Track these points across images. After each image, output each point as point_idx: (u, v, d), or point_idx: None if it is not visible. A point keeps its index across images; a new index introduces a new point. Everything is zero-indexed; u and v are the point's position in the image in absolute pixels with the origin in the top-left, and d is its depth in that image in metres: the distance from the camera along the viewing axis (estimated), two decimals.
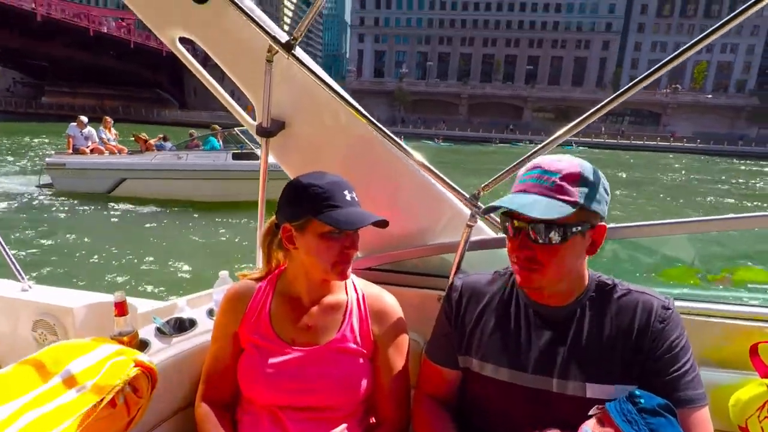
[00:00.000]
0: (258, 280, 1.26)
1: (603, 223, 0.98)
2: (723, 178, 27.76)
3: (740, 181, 26.87)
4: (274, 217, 1.21)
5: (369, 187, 1.43)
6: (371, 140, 1.43)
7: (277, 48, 1.27)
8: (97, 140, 11.62)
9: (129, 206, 10.52)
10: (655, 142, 59.76)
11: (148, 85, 65.47)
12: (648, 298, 1.01)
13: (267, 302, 1.21)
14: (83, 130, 11.44)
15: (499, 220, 1.07)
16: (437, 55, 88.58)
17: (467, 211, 1.39)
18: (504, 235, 1.03)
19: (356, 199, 1.13)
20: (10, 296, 1.94)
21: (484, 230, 1.50)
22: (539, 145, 1.26)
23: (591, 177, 0.95)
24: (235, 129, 11.50)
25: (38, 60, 55.09)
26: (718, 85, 79.73)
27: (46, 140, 26.93)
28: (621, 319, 1.00)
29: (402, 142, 1.42)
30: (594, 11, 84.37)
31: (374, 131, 1.37)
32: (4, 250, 1.95)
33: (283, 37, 1.28)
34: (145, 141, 11.73)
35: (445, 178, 1.41)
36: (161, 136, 12.52)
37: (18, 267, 1.97)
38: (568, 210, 0.91)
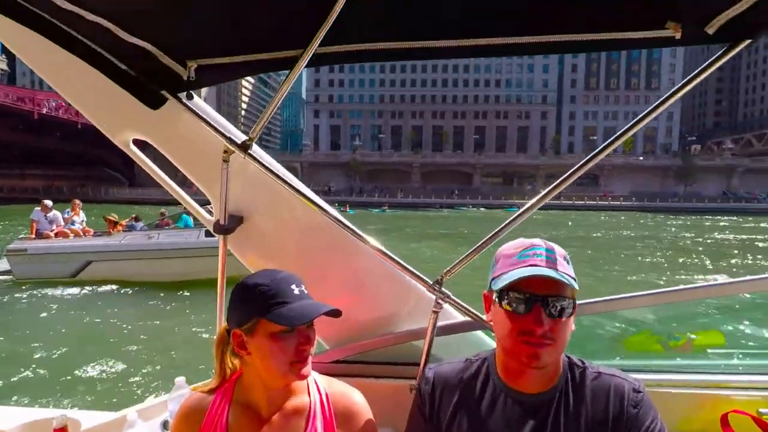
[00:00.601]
0: (212, 391, 1.17)
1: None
2: (652, 233, 28.98)
3: (669, 235, 28.08)
4: (224, 325, 1.16)
5: (328, 277, 1.44)
6: (328, 230, 1.42)
7: (233, 149, 1.29)
8: (62, 223, 11.21)
9: (88, 291, 9.97)
10: (594, 202, 63.28)
11: (97, 163, 65.00)
12: (619, 382, 1.01)
13: (223, 415, 1.13)
14: (48, 214, 11.03)
15: (462, 304, 1.12)
16: (390, 127, 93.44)
17: (431, 296, 1.38)
18: (467, 319, 1.05)
19: (305, 292, 1.08)
20: None
21: (452, 314, 1.47)
22: (503, 224, 1.30)
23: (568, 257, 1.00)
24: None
25: None
26: (648, 148, 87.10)
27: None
28: (596, 406, 0.99)
29: (360, 231, 1.40)
30: (530, 86, 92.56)
31: (330, 221, 1.38)
32: None
33: (239, 138, 1.31)
34: (115, 223, 11.58)
35: (406, 264, 1.40)
36: (133, 216, 12.32)
37: None
38: (575, 284, 0.95)
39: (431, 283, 1.36)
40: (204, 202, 1.60)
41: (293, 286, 1.06)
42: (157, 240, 10.68)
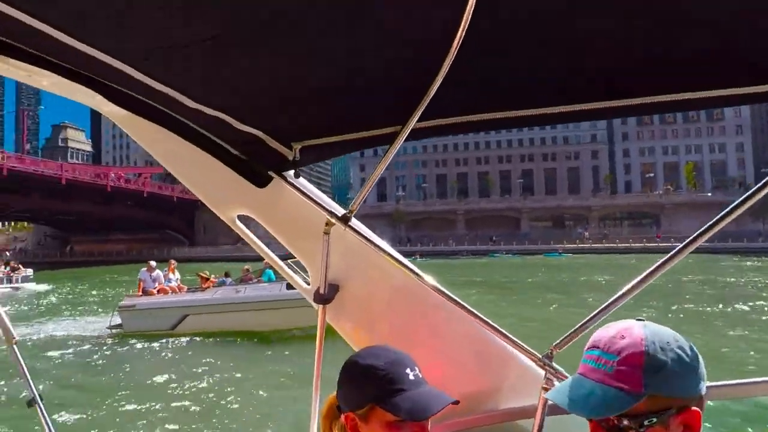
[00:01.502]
0: None
1: (696, 408, 0.78)
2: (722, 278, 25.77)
3: (744, 279, 24.90)
4: (333, 396, 1.14)
5: (425, 346, 1.42)
6: (425, 298, 1.42)
7: (334, 221, 1.35)
8: (163, 281, 12.87)
9: (185, 343, 11.40)
10: (655, 244, 58.56)
11: (162, 227, 72.15)
12: None
13: None
14: (152, 274, 12.84)
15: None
16: (435, 176, 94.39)
17: (538, 371, 1.29)
18: None
19: (420, 376, 1.05)
20: None
21: None
22: (614, 296, 1.17)
23: (662, 355, 0.76)
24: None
25: (65, 216, 62.53)
26: (719, 183, 79.77)
27: (84, 285, 30.52)
28: None
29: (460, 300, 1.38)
30: (577, 126, 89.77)
31: (428, 288, 1.37)
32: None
33: (340, 211, 1.37)
34: (206, 279, 12.98)
35: (509, 334, 1.34)
36: (225, 272, 13.74)
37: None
38: (630, 403, 0.76)
39: (540, 356, 1.26)
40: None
41: (408, 370, 1.03)
42: (244, 294, 11.85)
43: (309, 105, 1.22)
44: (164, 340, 11.44)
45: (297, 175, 1.43)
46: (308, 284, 1.51)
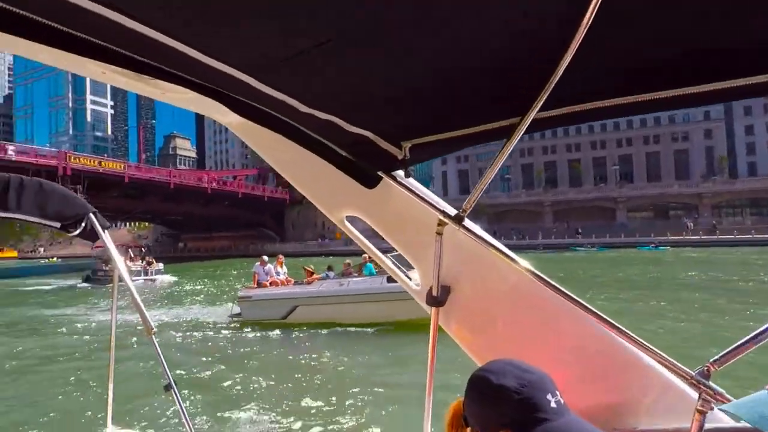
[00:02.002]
0: None
1: None
2: None
3: None
4: (459, 403, 1.04)
5: (545, 352, 1.32)
6: (548, 304, 1.29)
7: (447, 221, 1.30)
8: (275, 275, 14.08)
9: (295, 331, 12.54)
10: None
11: (256, 225, 78.54)
12: None
13: None
14: (264, 267, 14.16)
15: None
16: (520, 166, 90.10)
17: (688, 391, 1.11)
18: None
19: (562, 402, 0.91)
20: None
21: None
22: None
23: None
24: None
25: (174, 216, 70.53)
26: None
27: (200, 277, 34.25)
28: None
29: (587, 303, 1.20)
30: None
31: (547, 289, 1.24)
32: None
33: (452, 211, 1.32)
34: (311, 272, 14.06)
35: (647, 344, 1.14)
36: (328, 266, 14.81)
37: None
38: None
39: (693, 374, 1.07)
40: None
41: (549, 396, 0.91)
42: (347, 287, 12.67)
43: (419, 102, 1.19)
44: (277, 329, 12.56)
45: (407, 175, 1.40)
46: (415, 283, 1.49)
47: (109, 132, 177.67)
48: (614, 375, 1.29)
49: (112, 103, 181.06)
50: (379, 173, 1.39)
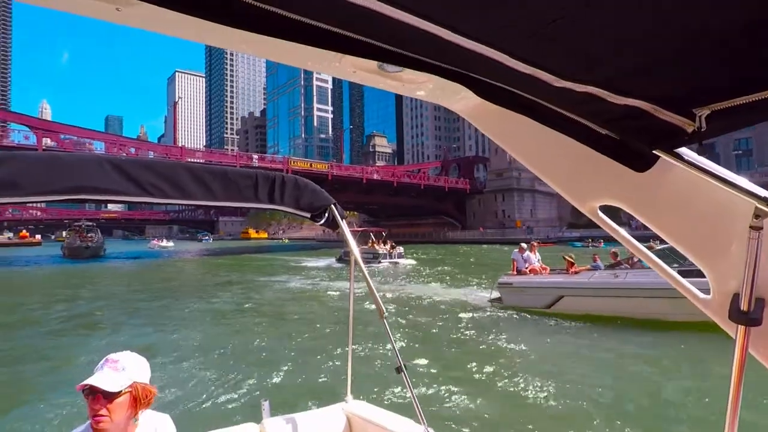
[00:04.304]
0: None
1: None
2: None
3: None
4: None
5: None
6: None
7: None
8: (533, 262, 13.57)
9: (559, 321, 11.33)
10: None
11: (436, 213, 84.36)
12: None
13: None
14: (523, 255, 13.66)
15: None
16: None
17: None
18: None
19: None
20: None
21: None
22: None
23: None
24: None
25: (370, 205, 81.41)
26: None
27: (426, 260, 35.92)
28: None
29: None
30: None
31: None
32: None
33: None
34: (572, 263, 12.92)
35: None
36: (594, 255, 13.88)
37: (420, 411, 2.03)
38: None
39: None
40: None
41: None
42: (624, 279, 11.21)
43: (720, 51, 0.75)
44: (539, 318, 11.83)
45: (702, 152, 0.98)
46: (701, 288, 1.14)
47: (330, 134, 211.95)
48: None
49: (331, 109, 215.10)
50: (656, 152, 1.00)
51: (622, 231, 1.22)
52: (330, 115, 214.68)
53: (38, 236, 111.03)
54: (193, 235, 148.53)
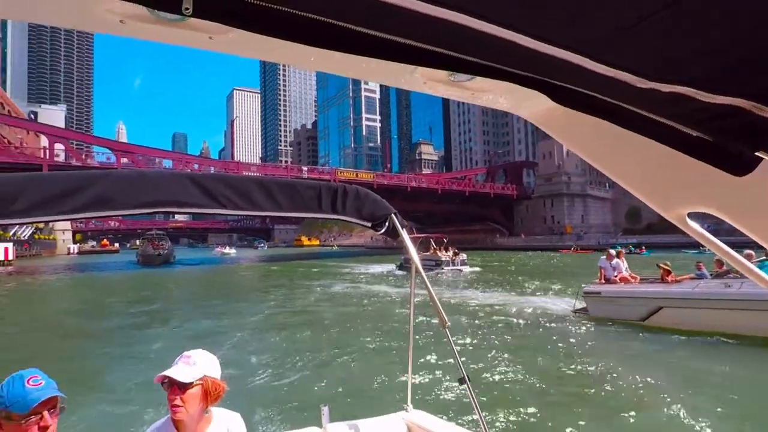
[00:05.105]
0: None
1: None
2: None
3: None
4: None
5: None
6: None
7: None
8: (623, 270, 12.44)
9: (657, 335, 10.03)
10: None
11: (483, 219, 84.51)
12: None
13: None
14: (611, 262, 12.54)
15: None
16: None
17: None
18: None
19: None
20: None
21: None
22: None
23: None
24: None
25: (416, 213, 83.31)
26: None
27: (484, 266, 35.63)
28: None
29: None
30: None
31: None
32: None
33: None
34: (669, 271, 11.50)
35: None
36: (697, 262, 12.12)
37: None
38: None
39: None
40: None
41: None
42: (738, 290, 9.69)
43: None
44: (633, 330, 10.49)
45: None
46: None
47: (378, 142, 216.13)
48: None
49: (379, 118, 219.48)
50: (759, 154, 0.86)
51: (716, 240, 1.11)
52: (378, 124, 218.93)
53: (116, 244, 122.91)
54: (250, 242, 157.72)
